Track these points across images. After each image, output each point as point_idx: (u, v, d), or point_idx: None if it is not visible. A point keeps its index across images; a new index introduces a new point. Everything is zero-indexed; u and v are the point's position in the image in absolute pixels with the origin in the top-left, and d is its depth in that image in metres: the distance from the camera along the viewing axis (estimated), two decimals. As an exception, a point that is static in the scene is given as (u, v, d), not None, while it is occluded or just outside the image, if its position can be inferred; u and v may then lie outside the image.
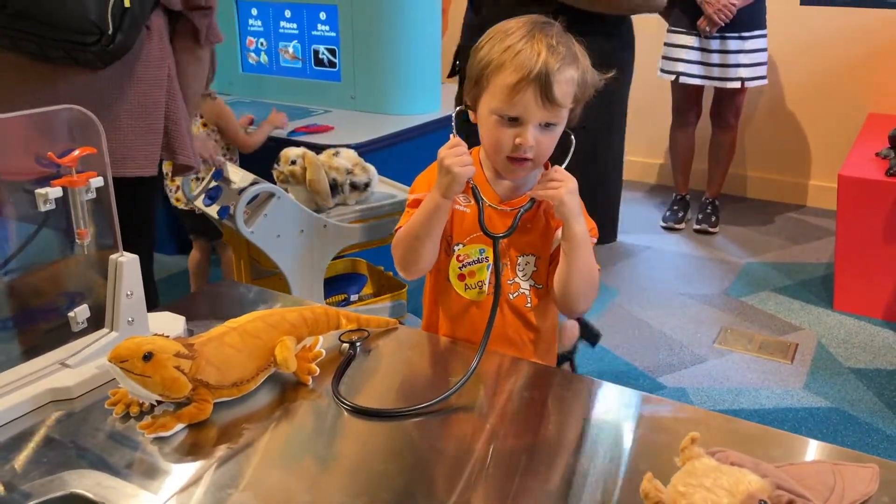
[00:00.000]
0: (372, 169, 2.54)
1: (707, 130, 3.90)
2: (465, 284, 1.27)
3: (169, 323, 1.19)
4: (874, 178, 2.93)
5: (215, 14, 1.78)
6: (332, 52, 3.60)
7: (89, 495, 0.85)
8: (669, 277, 3.41)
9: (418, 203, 1.21)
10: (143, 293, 1.12)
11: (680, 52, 3.66)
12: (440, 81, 3.55)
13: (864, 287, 3.01)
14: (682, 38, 3.65)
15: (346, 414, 1.01)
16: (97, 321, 1.10)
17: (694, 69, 3.65)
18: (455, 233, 1.26)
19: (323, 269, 2.49)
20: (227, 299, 1.33)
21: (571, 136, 1.22)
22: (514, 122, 1.14)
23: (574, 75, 1.15)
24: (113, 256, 1.09)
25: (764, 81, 3.68)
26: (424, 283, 1.34)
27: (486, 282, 1.25)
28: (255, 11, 3.80)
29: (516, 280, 1.26)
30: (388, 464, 0.93)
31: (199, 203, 2.50)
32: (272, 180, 2.61)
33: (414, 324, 2.63)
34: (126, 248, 1.11)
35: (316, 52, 3.66)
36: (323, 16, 3.57)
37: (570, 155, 1.22)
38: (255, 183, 2.42)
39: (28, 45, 1.53)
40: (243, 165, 2.89)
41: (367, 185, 2.52)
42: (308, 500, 0.86)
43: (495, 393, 1.09)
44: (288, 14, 3.69)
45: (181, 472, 0.90)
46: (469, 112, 1.22)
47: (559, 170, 1.18)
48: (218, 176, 2.45)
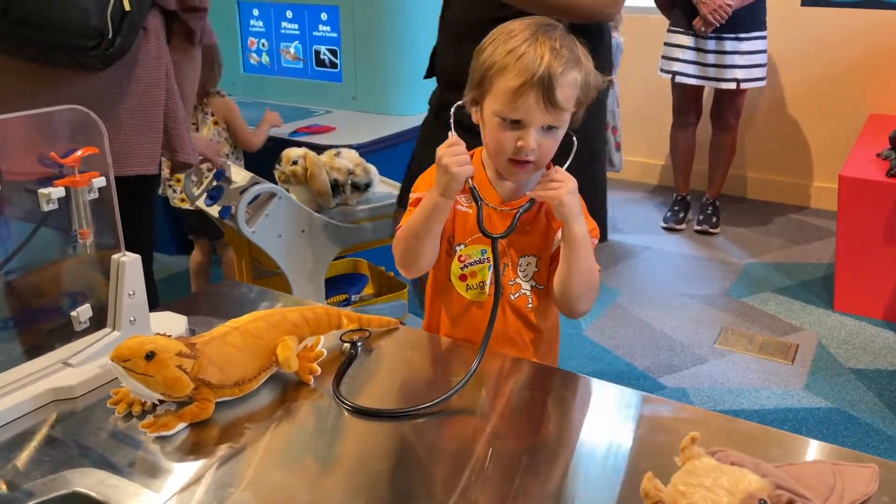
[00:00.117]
0: (373, 169, 2.55)
1: (708, 131, 3.90)
2: (467, 285, 1.27)
3: (171, 322, 1.19)
4: (875, 179, 2.93)
5: (207, 15, 1.80)
6: (334, 52, 3.60)
7: (92, 494, 0.86)
8: (670, 278, 3.41)
9: (419, 202, 1.21)
10: (146, 293, 1.12)
11: (677, 52, 3.67)
12: (440, 82, 3.55)
13: (865, 288, 3.01)
14: (680, 38, 3.65)
15: (346, 414, 1.01)
16: (99, 321, 1.11)
17: (690, 69, 3.65)
18: (457, 233, 1.26)
19: (324, 269, 2.50)
20: (228, 299, 1.33)
21: (573, 137, 1.22)
22: (515, 124, 1.14)
23: (577, 78, 1.14)
24: (115, 256, 1.09)
25: (761, 83, 3.67)
26: (426, 284, 1.35)
27: (488, 282, 1.25)
28: (256, 12, 3.80)
29: (517, 281, 1.26)
30: (389, 463, 0.94)
31: (200, 203, 2.51)
32: (274, 180, 2.62)
33: (415, 324, 2.64)
34: (126, 247, 1.11)
35: (317, 53, 3.66)
36: (324, 16, 3.57)
37: (571, 156, 1.22)
38: (257, 183, 2.42)
39: (30, 50, 1.54)
40: (245, 165, 2.91)
41: (368, 186, 2.53)
42: (309, 500, 0.86)
43: (496, 393, 1.09)
44: (289, 15, 3.70)
45: (183, 470, 0.90)
46: (472, 113, 1.22)
47: (559, 170, 1.18)
48: (220, 176, 2.45)
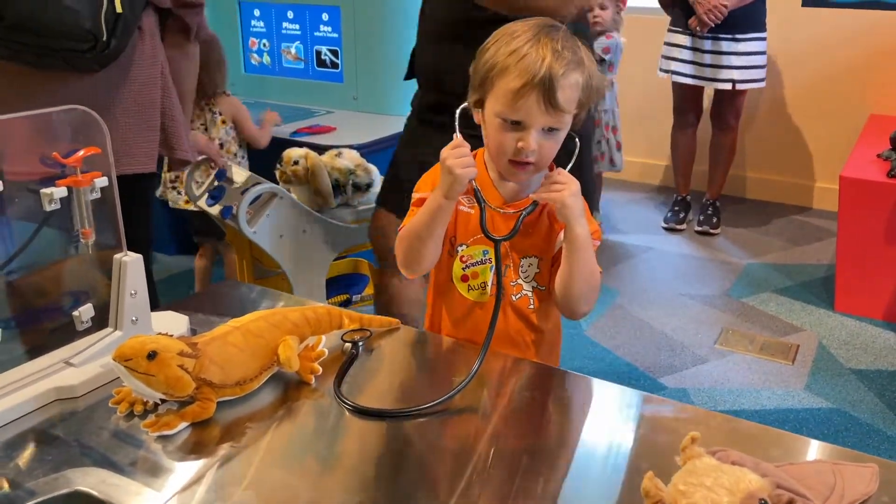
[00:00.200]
0: (374, 169, 2.55)
1: (709, 132, 3.90)
2: (469, 285, 1.27)
3: (172, 322, 1.19)
4: (875, 180, 2.93)
5: (203, 10, 1.80)
6: (335, 52, 3.60)
7: (93, 493, 0.86)
8: (670, 278, 3.41)
9: (422, 202, 1.21)
10: (147, 292, 1.12)
11: (675, 52, 3.69)
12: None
13: (866, 288, 3.01)
14: (678, 38, 3.67)
15: (347, 414, 1.01)
16: (101, 320, 1.11)
17: (686, 69, 3.67)
18: (459, 234, 1.26)
19: (325, 269, 2.50)
20: (229, 299, 1.34)
21: (576, 139, 1.22)
22: (516, 125, 1.14)
23: (579, 80, 1.14)
24: (117, 256, 1.10)
25: (759, 84, 3.67)
26: (428, 284, 1.35)
27: (489, 283, 1.25)
28: (257, 12, 3.80)
29: (519, 282, 1.26)
30: (390, 463, 0.94)
31: (202, 203, 2.51)
32: (275, 181, 2.62)
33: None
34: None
35: (318, 53, 3.67)
36: (325, 17, 3.57)
37: (574, 158, 1.22)
38: (258, 183, 2.43)
39: (26, 55, 1.55)
40: (248, 165, 2.91)
41: (369, 186, 2.53)
42: (310, 499, 0.86)
43: (497, 393, 1.10)
44: (290, 15, 3.70)
45: (184, 470, 0.90)
46: (474, 113, 1.22)
47: (563, 172, 1.18)
48: (221, 176, 2.46)
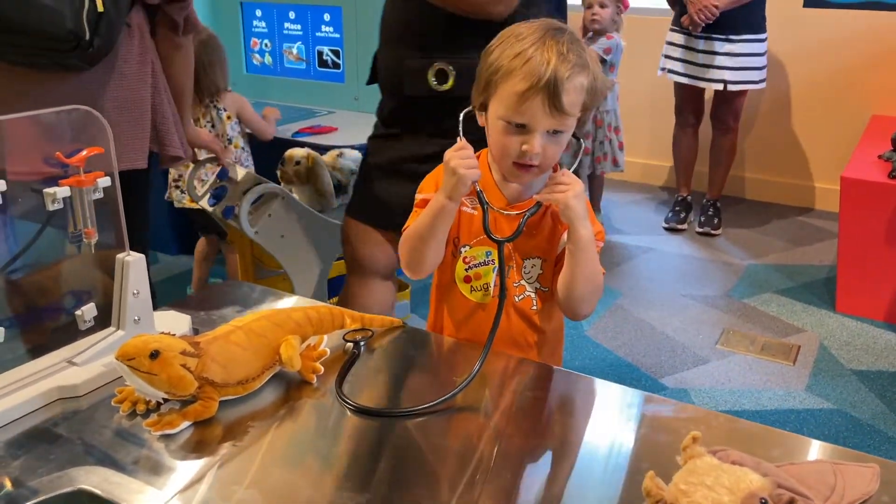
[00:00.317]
0: (375, 170, 2.55)
1: (710, 132, 3.91)
2: (471, 286, 1.26)
3: (175, 321, 1.20)
4: (877, 181, 2.93)
5: (192, 4, 1.80)
6: (336, 53, 3.61)
7: (96, 491, 0.86)
8: (672, 279, 3.42)
9: (426, 203, 1.21)
10: (150, 292, 1.13)
11: (672, 50, 3.74)
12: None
13: (867, 289, 3.01)
14: (675, 36, 3.71)
15: (349, 413, 1.01)
16: (104, 320, 1.11)
17: (680, 67, 3.72)
18: (462, 235, 1.26)
19: (327, 269, 2.50)
20: (231, 298, 1.34)
21: (581, 140, 1.22)
22: (520, 128, 1.13)
23: (584, 83, 1.14)
24: (119, 255, 1.10)
25: (753, 86, 3.66)
26: (430, 285, 1.35)
27: (492, 284, 1.25)
28: (259, 13, 3.81)
29: (522, 283, 1.26)
30: (391, 462, 0.94)
31: (204, 203, 2.51)
32: (277, 181, 2.63)
33: (417, 324, 2.64)
34: None
35: (320, 54, 3.67)
36: (327, 17, 3.58)
37: (578, 159, 1.23)
38: (260, 183, 2.43)
39: (10, 54, 1.56)
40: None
41: (370, 186, 2.53)
42: (311, 498, 0.86)
43: (499, 393, 1.10)
44: (292, 15, 3.70)
45: (187, 469, 0.90)
46: (477, 115, 1.22)
47: (566, 173, 1.18)
48: (223, 175, 2.46)
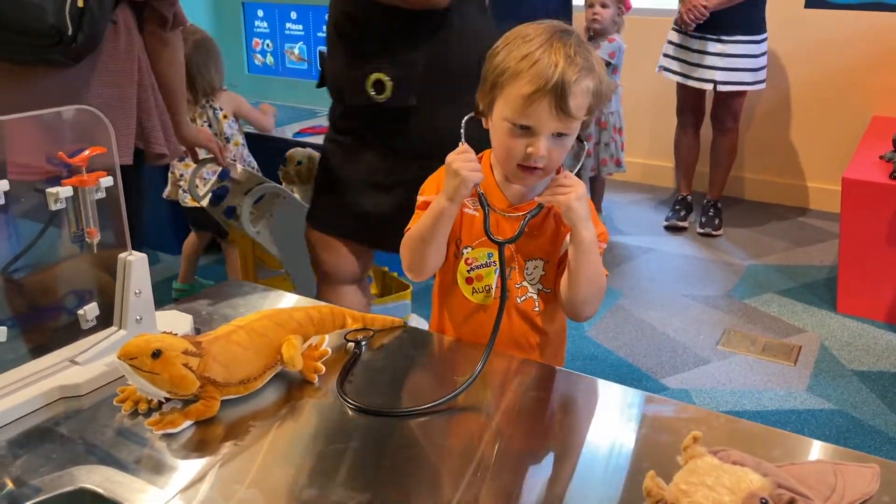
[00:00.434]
0: (377, 170, 2.55)
1: (711, 133, 3.91)
2: (473, 288, 1.26)
3: (176, 321, 1.20)
4: (878, 181, 2.93)
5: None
6: (338, 53, 3.61)
7: (98, 490, 0.86)
8: (672, 279, 3.42)
9: (427, 205, 1.21)
10: (152, 292, 1.13)
11: (668, 48, 3.79)
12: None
13: (868, 289, 3.01)
14: (674, 35, 3.75)
15: (350, 413, 1.01)
16: (106, 319, 1.11)
17: (674, 65, 3.76)
18: (464, 236, 1.26)
19: (328, 269, 2.50)
20: (233, 298, 1.34)
21: (584, 142, 1.22)
22: (526, 130, 1.13)
23: (590, 86, 1.13)
24: (122, 255, 1.10)
25: (743, 87, 3.66)
26: (433, 286, 1.35)
27: (494, 286, 1.25)
28: (261, 13, 3.81)
29: (524, 284, 1.26)
30: (392, 462, 0.94)
31: (205, 203, 2.52)
32: (278, 181, 2.63)
33: (418, 324, 2.64)
34: None
35: (321, 54, 3.67)
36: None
37: (581, 161, 1.23)
38: (261, 183, 2.43)
39: None
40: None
41: (371, 186, 2.53)
42: (312, 498, 0.87)
43: (500, 393, 1.10)
44: (294, 15, 3.71)
45: (188, 468, 0.91)
46: (483, 117, 1.22)
47: (568, 175, 1.18)
48: (224, 176, 2.47)
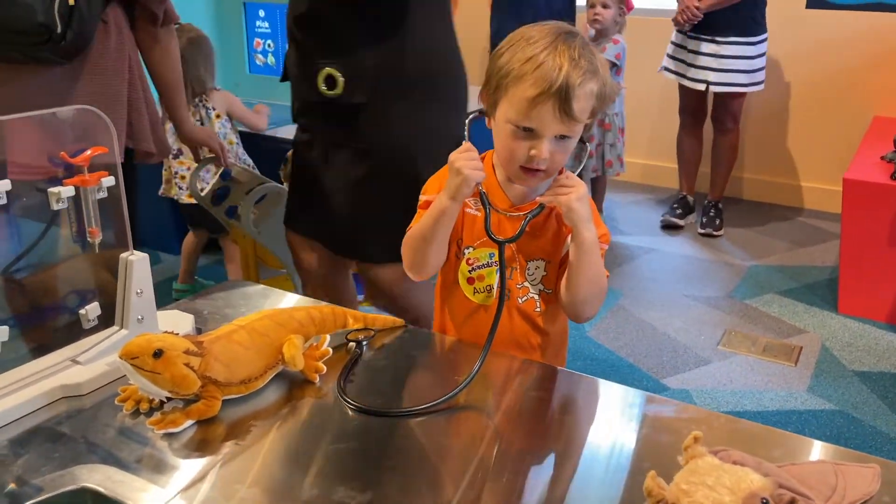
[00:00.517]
0: (378, 170, 2.55)
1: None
2: (474, 288, 1.26)
3: (178, 321, 1.20)
4: (879, 182, 2.93)
5: None
6: (339, 53, 3.61)
7: (100, 489, 0.87)
8: (673, 279, 3.42)
9: (429, 204, 1.21)
10: (153, 291, 1.13)
11: (669, 48, 3.84)
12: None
13: (869, 290, 3.01)
14: (674, 35, 3.79)
15: (351, 412, 1.02)
16: (107, 319, 1.12)
17: (672, 64, 3.81)
18: (465, 236, 1.26)
19: (329, 269, 2.50)
20: (234, 298, 1.34)
21: (586, 144, 1.22)
22: (529, 132, 1.13)
23: (594, 89, 1.13)
24: (123, 255, 1.10)
25: (734, 88, 3.66)
26: (434, 286, 1.35)
27: (495, 286, 1.25)
28: (262, 13, 3.81)
29: (525, 284, 1.26)
30: (393, 462, 0.94)
31: (207, 203, 2.52)
32: (279, 181, 2.63)
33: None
34: None
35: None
36: (330, 17, 3.58)
37: (583, 162, 1.24)
38: (262, 183, 2.43)
39: None
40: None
41: (373, 186, 2.53)
42: (313, 497, 0.87)
43: (501, 392, 1.10)
44: (295, 15, 3.71)
45: (190, 467, 0.91)
46: (487, 119, 1.22)
47: (570, 176, 1.18)
48: (226, 176, 2.47)
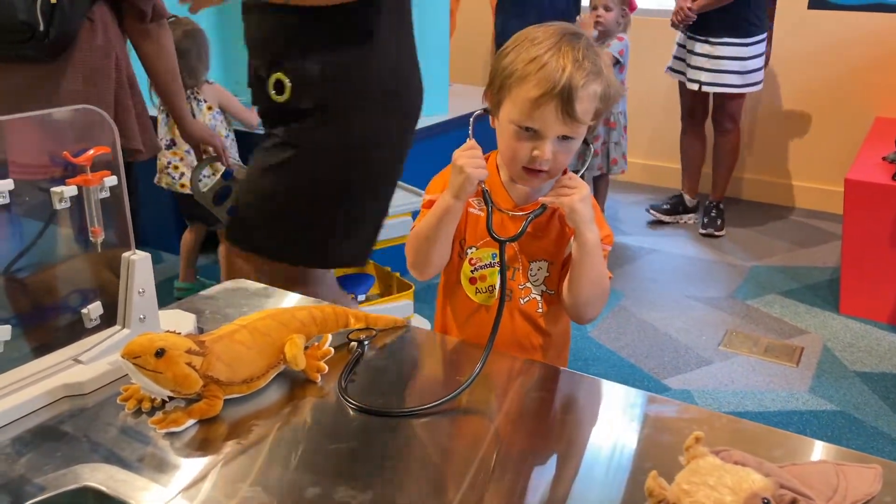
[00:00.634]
0: (379, 170, 2.55)
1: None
2: (476, 288, 1.27)
3: (180, 320, 1.20)
4: (881, 182, 2.94)
5: None
6: (341, 53, 3.60)
7: (102, 488, 0.87)
8: (675, 280, 3.42)
9: (433, 203, 1.21)
10: (155, 291, 1.13)
11: (674, 48, 3.90)
12: (448, 83, 3.56)
13: (870, 291, 3.01)
14: (678, 35, 3.84)
15: (352, 412, 1.02)
16: (109, 318, 1.12)
17: (673, 64, 3.88)
18: (468, 236, 1.26)
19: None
20: (236, 297, 1.34)
21: (590, 145, 1.23)
22: (532, 133, 1.13)
23: (597, 90, 1.13)
24: (125, 254, 1.10)
25: (726, 89, 3.67)
26: (436, 285, 1.35)
27: (497, 286, 1.25)
28: (264, 12, 3.81)
29: (527, 285, 1.26)
30: (394, 461, 0.94)
31: (208, 203, 2.52)
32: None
33: (420, 324, 2.65)
34: None
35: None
36: (331, 17, 3.57)
37: (587, 163, 1.24)
38: (264, 183, 2.42)
39: None
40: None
41: (374, 186, 2.53)
42: (314, 497, 0.87)
43: (503, 393, 1.10)
44: (297, 15, 3.70)
45: (191, 466, 0.91)
46: (491, 119, 1.22)
47: (573, 177, 1.18)
48: (227, 176, 2.47)
